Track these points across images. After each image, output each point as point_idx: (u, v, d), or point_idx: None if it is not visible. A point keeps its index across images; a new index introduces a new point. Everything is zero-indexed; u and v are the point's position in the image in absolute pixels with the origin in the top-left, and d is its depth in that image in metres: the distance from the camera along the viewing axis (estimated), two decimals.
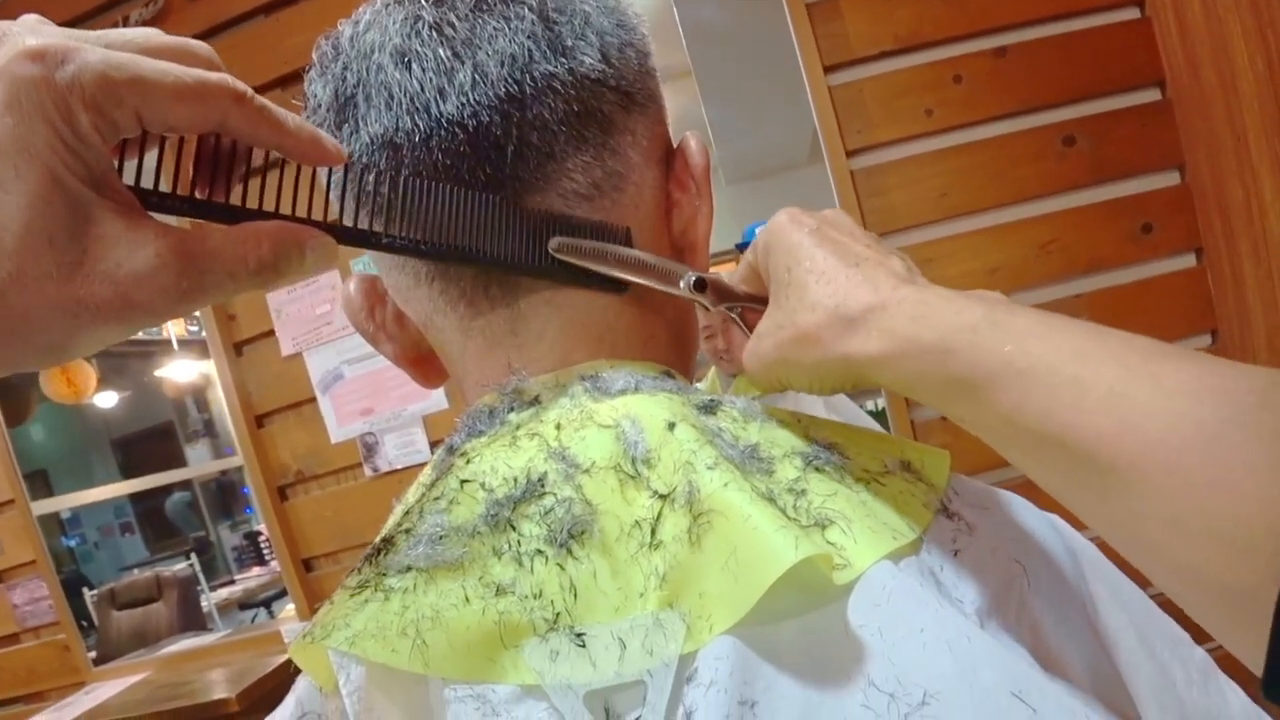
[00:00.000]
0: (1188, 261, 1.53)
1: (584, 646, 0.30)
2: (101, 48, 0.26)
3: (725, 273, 0.42)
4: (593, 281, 0.39)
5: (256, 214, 0.32)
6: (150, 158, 0.30)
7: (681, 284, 0.40)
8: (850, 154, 1.54)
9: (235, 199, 0.32)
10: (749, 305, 0.41)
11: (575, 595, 0.32)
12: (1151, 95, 1.53)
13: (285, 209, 0.32)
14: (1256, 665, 0.23)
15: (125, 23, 1.85)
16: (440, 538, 0.33)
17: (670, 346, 0.44)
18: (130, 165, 0.29)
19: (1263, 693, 0.23)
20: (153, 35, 0.29)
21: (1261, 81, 1.29)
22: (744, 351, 0.40)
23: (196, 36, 0.32)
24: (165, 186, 0.30)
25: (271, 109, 0.30)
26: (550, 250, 0.38)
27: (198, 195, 0.31)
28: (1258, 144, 1.33)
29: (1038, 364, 0.28)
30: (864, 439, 0.39)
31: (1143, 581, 0.39)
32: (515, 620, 0.31)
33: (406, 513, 0.36)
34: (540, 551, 0.32)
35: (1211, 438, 0.24)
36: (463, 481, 0.35)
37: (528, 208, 0.38)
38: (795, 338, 0.35)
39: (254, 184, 0.32)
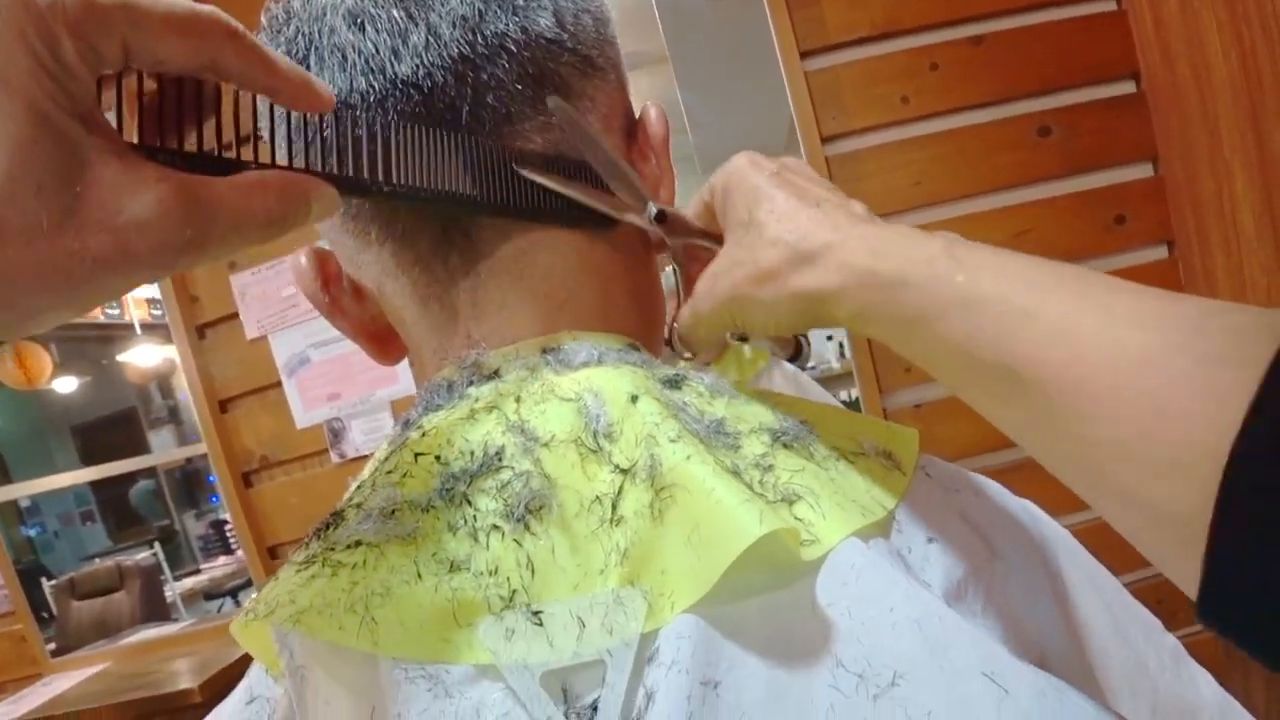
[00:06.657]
0: (1160, 253, 1.55)
1: (541, 625, 0.29)
2: None
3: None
4: (571, 214, 0.38)
5: (250, 166, 0.29)
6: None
7: (646, 214, 0.40)
8: (825, 140, 1.53)
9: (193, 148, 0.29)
10: (703, 244, 0.41)
11: (533, 572, 0.30)
12: (1126, 87, 1.54)
13: (280, 159, 0.30)
14: (1192, 589, 0.23)
15: None
16: (392, 512, 0.31)
17: (636, 319, 0.42)
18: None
19: (1196, 615, 0.23)
20: None
21: (1235, 75, 1.30)
22: (694, 291, 0.39)
23: None
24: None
25: (262, 48, 0.27)
26: (517, 170, 0.37)
27: (188, 147, 0.28)
28: (1230, 138, 1.34)
29: (990, 294, 0.28)
30: (835, 418, 0.38)
31: (1116, 570, 0.39)
32: (470, 597, 0.30)
33: (359, 486, 0.34)
34: (496, 527, 0.31)
35: (1155, 364, 0.24)
36: (417, 455, 0.33)
37: (503, 146, 0.37)
38: (754, 274, 0.35)
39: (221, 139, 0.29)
